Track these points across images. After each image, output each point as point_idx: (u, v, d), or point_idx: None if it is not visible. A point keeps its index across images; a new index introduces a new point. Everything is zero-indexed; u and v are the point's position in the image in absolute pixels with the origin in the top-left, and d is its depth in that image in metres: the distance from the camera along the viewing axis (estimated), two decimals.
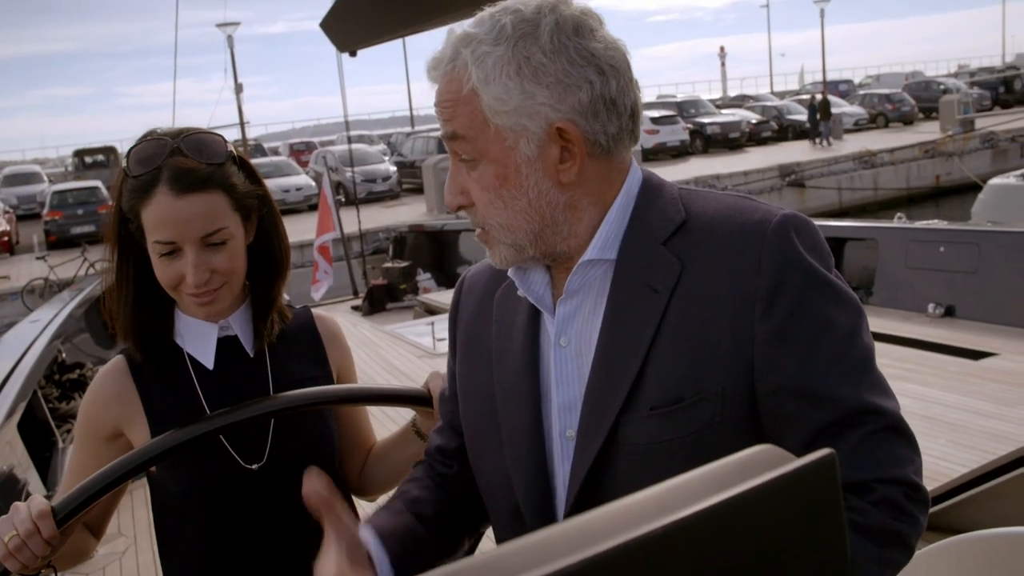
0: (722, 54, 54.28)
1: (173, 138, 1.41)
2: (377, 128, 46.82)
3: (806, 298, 1.00)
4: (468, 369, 1.25)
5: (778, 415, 1.02)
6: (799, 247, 1.02)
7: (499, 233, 1.09)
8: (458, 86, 1.04)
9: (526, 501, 1.13)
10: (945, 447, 4.38)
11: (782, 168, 22.01)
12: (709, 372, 1.01)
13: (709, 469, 0.48)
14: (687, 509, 0.42)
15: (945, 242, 6.57)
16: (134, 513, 4.18)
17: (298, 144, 34.82)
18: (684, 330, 1.02)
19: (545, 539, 0.43)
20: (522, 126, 1.03)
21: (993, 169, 20.23)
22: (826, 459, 0.47)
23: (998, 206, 12.30)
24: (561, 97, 1.02)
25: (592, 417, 1.06)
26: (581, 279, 1.10)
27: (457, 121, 1.05)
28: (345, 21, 4.63)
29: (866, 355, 1.03)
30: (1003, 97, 33.73)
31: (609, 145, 1.06)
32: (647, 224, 1.08)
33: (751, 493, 0.44)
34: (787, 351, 1.00)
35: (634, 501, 0.46)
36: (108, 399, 1.49)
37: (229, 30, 26.27)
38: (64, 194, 21.69)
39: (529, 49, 1.01)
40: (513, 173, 1.05)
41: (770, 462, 0.48)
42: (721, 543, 0.44)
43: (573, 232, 1.09)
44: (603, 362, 1.06)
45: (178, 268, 1.40)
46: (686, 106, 29.88)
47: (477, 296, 1.26)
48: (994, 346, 5.77)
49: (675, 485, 0.47)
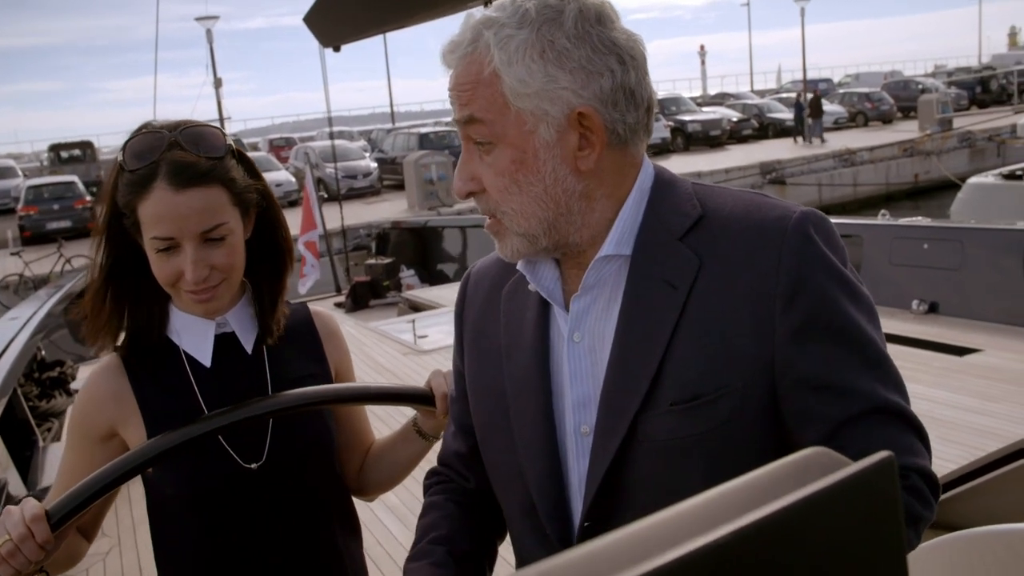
0: (702, 52, 54.63)
1: (170, 131, 1.37)
2: (358, 124, 46.56)
3: (827, 295, 1.01)
4: (478, 365, 1.23)
5: (798, 410, 1.02)
6: (820, 244, 1.02)
7: (512, 221, 1.07)
8: (479, 68, 1.03)
9: (540, 496, 1.12)
10: (932, 443, 4.35)
11: (763, 166, 22.16)
12: (729, 368, 1.01)
13: (758, 475, 0.45)
14: (740, 520, 0.40)
15: (929, 239, 6.62)
16: (117, 513, 4.11)
17: (278, 140, 34.56)
18: (703, 326, 1.02)
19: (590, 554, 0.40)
20: (543, 110, 1.02)
21: (971, 168, 20.47)
22: (885, 462, 0.44)
23: (977, 204, 12.46)
24: (584, 83, 1.01)
25: (610, 414, 1.05)
26: (597, 275, 1.09)
27: (475, 104, 1.04)
28: (329, 16, 4.58)
29: (883, 351, 1.04)
30: (980, 97, 34.14)
31: (626, 136, 1.06)
32: (662, 219, 1.07)
33: (807, 501, 0.41)
34: (809, 347, 1.00)
35: (680, 511, 0.43)
36: (102, 398, 1.45)
37: (208, 24, 26.08)
38: (39, 189, 21.32)
39: (553, 34, 1.01)
40: (531, 158, 1.04)
41: (825, 466, 0.45)
42: (775, 557, 0.41)
43: (586, 223, 1.08)
44: (621, 358, 1.05)
45: (176, 264, 1.36)
46: (667, 104, 29.98)
47: (484, 291, 1.25)
48: (978, 342, 5.81)
49: (723, 493, 0.44)
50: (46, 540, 1.23)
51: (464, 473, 1.30)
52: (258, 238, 1.48)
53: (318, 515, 1.52)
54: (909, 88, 34.34)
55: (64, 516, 1.25)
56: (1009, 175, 13.09)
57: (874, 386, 1.01)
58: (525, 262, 1.13)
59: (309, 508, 1.51)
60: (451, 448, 1.32)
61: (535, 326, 1.14)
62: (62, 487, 1.42)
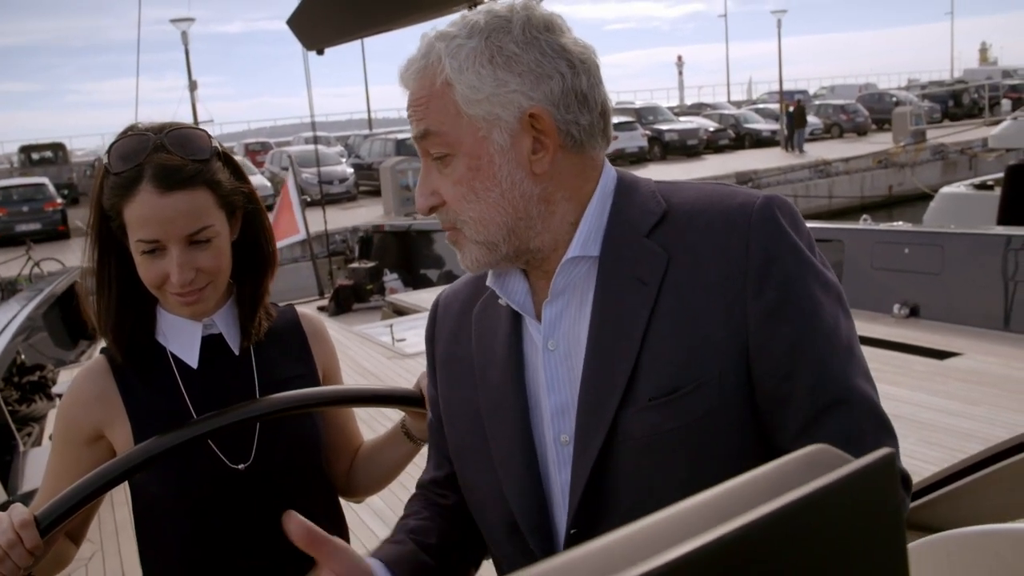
0: (679, 63, 55.10)
1: (156, 133, 1.36)
2: (335, 130, 46.37)
3: (795, 277, 1.01)
4: (451, 388, 1.22)
5: (773, 396, 1.01)
6: (786, 227, 1.02)
7: (471, 230, 1.07)
8: (431, 80, 1.05)
9: (522, 513, 1.10)
10: (915, 446, 4.43)
11: (739, 176, 22.40)
12: (705, 358, 1.00)
13: (759, 473, 0.46)
14: (742, 519, 0.40)
15: (910, 243, 6.69)
16: (100, 517, 4.04)
17: (253, 144, 34.33)
18: (676, 319, 1.01)
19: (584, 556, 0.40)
20: (495, 115, 1.03)
21: (943, 180, 20.74)
22: (885, 459, 0.45)
23: (948, 213, 12.61)
24: (533, 85, 1.02)
25: (589, 417, 1.04)
26: (566, 279, 1.08)
27: (430, 117, 1.05)
28: (312, 19, 4.56)
29: (852, 338, 1.04)
30: (952, 110, 34.65)
31: (582, 138, 1.06)
32: (628, 218, 1.07)
33: (810, 498, 0.42)
34: (781, 330, 1.00)
35: (680, 510, 0.43)
36: (88, 400, 1.43)
37: (183, 26, 25.92)
38: (8, 190, 20.99)
39: (502, 40, 1.03)
40: (486, 164, 1.04)
41: (826, 464, 0.46)
42: (776, 555, 0.41)
43: (547, 227, 1.07)
44: (596, 359, 1.04)
45: (162, 267, 1.35)
46: (644, 113, 30.23)
47: (454, 315, 1.24)
48: (958, 346, 5.88)
49: (728, 490, 0.44)
50: (35, 546, 1.22)
51: (441, 492, 1.28)
52: (242, 240, 1.48)
53: (305, 516, 1.50)
54: (883, 101, 34.86)
55: (53, 522, 1.23)
56: (980, 185, 13.29)
57: (845, 373, 1.01)
58: (494, 277, 1.13)
59: (296, 509, 1.48)
60: (427, 476, 1.31)
61: (507, 340, 1.13)
62: (49, 490, 1.42)
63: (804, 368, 1.00)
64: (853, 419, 1.00)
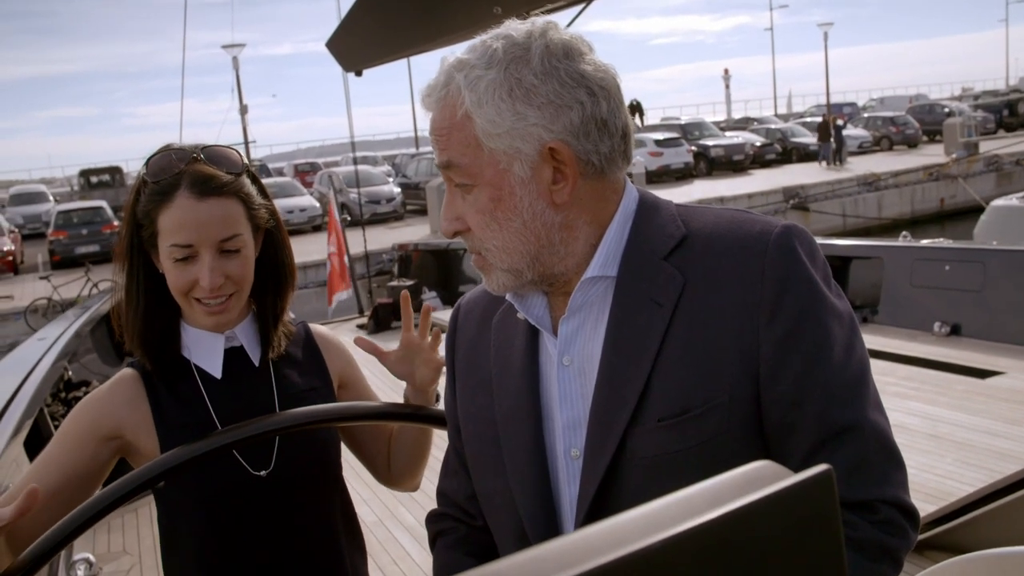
0: (726, 76, 54.51)
1: (191, 150, 1.46)
2: (382, 149, 47.02)
3: (809, 307, 1.02)
4: (469, 394, 1.25)
5: (781, 423, 1.03)
6: (802, 256, 1.03)
7: (496, 257, 1.09)
8: (452, 112, 1.05)
9: (531, 522, 1.12)
10: (952, 466, 4.35)
11: (786, 191, 22.05)
12: (716, 382, 1.01)
13: (707, 485, 0.47)
14: (682, 525, 0.42)
15: (950, 260, 6.56)
16: (139, 531, 4.15)
17: (303, 165, 34.91)
18: (689, 341, 1.03)
19: (539, 555, 0.42)
20: (515, 148, 1.03)
21: (998, 192, 20.22)
22: (823, 475, 0.46)
23: (1000, 227, 12.28)
24: (553, 117, 1.03)
25: (599, 433, 1.06)
26: (583, 297, 1.10)
27: (452, 149, 1.06)
28: (351, 41, 4.66)
29: (864, 369, 1.04)
30: (1007, 120, 33.80)
31: (602, 165, 1.07)
32: (647, 240, 1.09)
33: (748, 509, 0.43)
34: (791, 359, 1.01)
35: (630, 517, 0.45)
36: (118, 401, 1.49)
37: (235, 51, 26.51)
38: (69, 214, 21.74)
39: (520, 72, 1.03)
40: (507, 195, 1.05)
41: (768, 477, 0.47)
42: (717, 560, 0.43)
43: (570, 252, 1.09)
44: (608, 377, 1.06)
45: (192, 273, 1.42)
46: (690, 128, 29.98)
47: (475, 322, 1.26)
48: (1000, 365, 5.75)
49: (672, 501, 0.46)
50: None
51: (469, 511, 1.29)
52: (263, 257, 1.54)
53: (324, 523, 1.56)
54: (934, 112, 34.09)
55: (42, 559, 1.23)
56: None
57: (854, 403, 1.01)
58: (513, 292, 1.14)
59: (315, 516, 1.55)
60: (450, 487, 1.32)
61: (524, 353, 1.15)
62: (31, 477, 1.42)
63: (812, 397, 1.01)
64: (860, 448, 1.01)
